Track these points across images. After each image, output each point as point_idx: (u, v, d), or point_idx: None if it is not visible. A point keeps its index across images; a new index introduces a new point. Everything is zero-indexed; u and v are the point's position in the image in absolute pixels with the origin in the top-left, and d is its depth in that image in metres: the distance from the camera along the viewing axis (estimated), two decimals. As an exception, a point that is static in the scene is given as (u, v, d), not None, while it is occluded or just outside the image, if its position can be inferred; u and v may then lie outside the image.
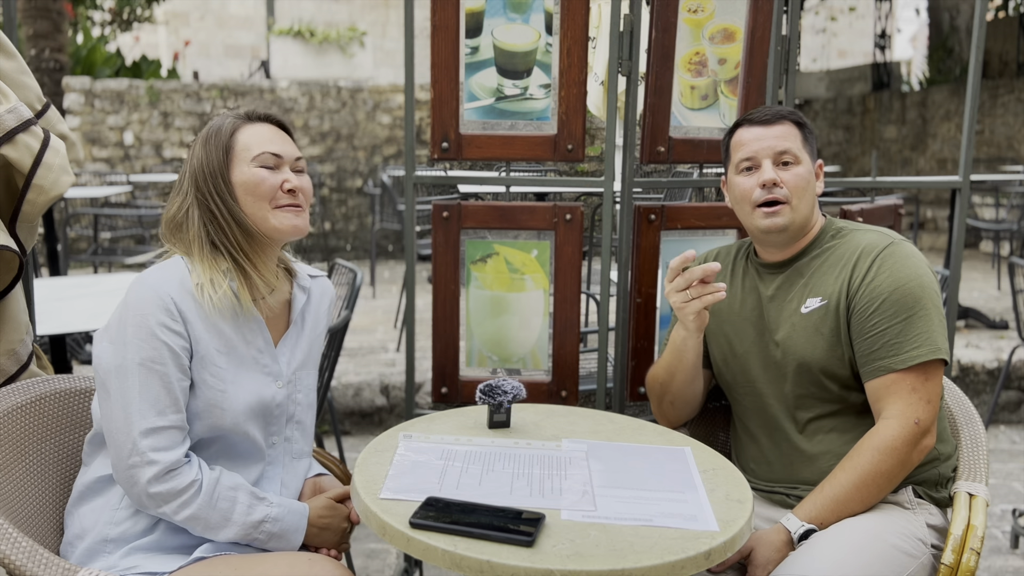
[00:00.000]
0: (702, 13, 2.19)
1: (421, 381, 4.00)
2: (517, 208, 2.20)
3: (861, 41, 16.94)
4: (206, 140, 1.51)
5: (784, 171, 1.70)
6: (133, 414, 1.39)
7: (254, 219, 1.50)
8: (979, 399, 4.41)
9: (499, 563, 1.16)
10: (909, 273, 1.62)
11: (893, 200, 2.71)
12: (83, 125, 7.98)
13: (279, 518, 1.48)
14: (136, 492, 1.40)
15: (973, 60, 2.43)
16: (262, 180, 1.49)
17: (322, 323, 1.68)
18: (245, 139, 1.51)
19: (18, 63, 1.75)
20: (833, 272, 1.69)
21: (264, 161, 1.50)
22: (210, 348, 1.45)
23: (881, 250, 1.65)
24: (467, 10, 2.13)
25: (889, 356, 1.59)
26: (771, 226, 1.70)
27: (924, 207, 9.69)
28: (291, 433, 1.59)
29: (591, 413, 1.78)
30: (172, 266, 1.48)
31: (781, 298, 1.75)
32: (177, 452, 1.41)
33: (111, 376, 1.41)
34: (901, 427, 1.56)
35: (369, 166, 8.41)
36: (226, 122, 1.52)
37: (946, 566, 1.52)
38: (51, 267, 3.25)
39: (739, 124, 1.78)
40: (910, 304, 1.59)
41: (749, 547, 1.56)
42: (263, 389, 1.52)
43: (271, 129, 1.54)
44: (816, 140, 1.78)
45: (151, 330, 1.40)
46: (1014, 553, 2.99)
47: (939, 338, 1.59)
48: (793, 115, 1.74)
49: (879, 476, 1.55)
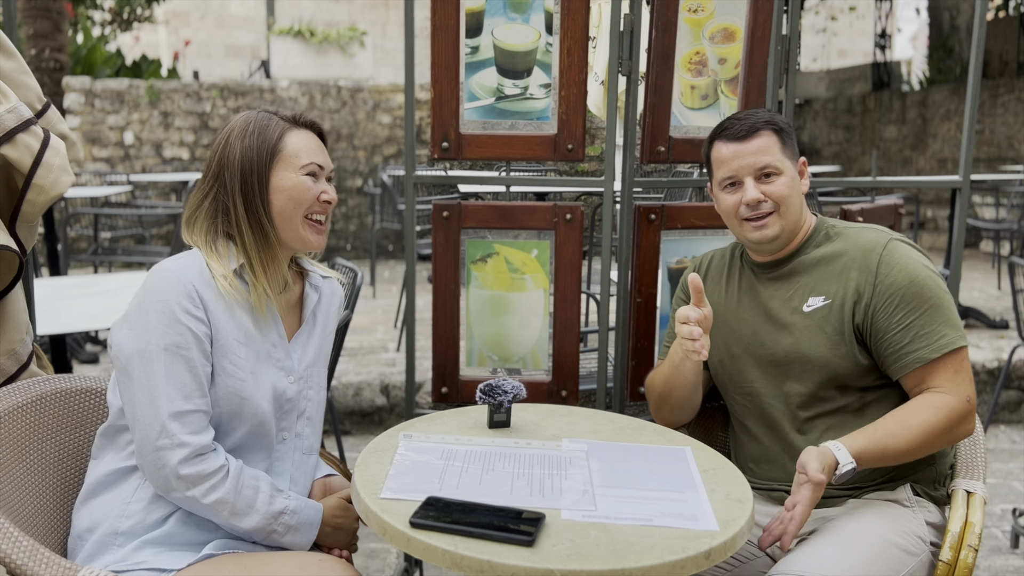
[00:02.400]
0: (702, 13, 2.19)
1: (421, 381, 4.00)
2: (517, 208, 2.20)
3: (861, 41, 16.93)
4: (245, 136, 1.50)
5: (767, 184, 1.70)
6: (160, 397, 1.39)
7: (283, 224, 1.52)
8: (979, 398, 4.41)
9: (499, 563, 1.16)
10: (917, 265, 1.64)
11: (893, 200, 2.72)
12: (83, 125, 7.98)
13: (297, 511, 1.49)
14: (164, 474, 1.40)
15: (973, 60, 2.43)
16: (307, 189, 1.51)
17: (332, 323, 1.70)
18: (295, 145, 1.52)
19: (18, 63, 1.75)
20: (835, 271, 1.70)
21: (311, 170, 1.53)
22: (230, 337, 1.47)
23: (884, 247, 1.66)
24: (467, 10, 2.13)
25: (923, 347, 1.60)
26: (761, 238, 1.71)
27: (924, 207, 9.69)
28: (302, 429, 1.60)
29: (591, 413, 1.78)
30: (191, 256, 1.50)
31: (781, 297, 1.75)
32: (206, 436, 1.42)
33: (134, 361, 1.42)
34: (956, 398, 1.57)
35: (369, 166, 8.41)
36: (272, 122, 1.52)
37: (944, 563, 1.52)
38: (51, 267, 3.26)
39: (716, 137, 1.76)
40: (927, 295, 1.61)
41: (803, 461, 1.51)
42: (277, 382, 1.54)
43: (314, 138, 1.56)
44: (795, 137, 1.77)
45: (174, 315, 1.41)
46: (1014, 553, 2.99)
47: (956, 328, 1.62)
48: (770, 123, 1.72)
49: (931, 430, 1.54)
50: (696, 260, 1.98)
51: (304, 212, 1.52)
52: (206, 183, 1.53)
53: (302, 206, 1.52)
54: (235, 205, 1.50)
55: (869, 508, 1.61)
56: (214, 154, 1.52)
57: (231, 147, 1.50)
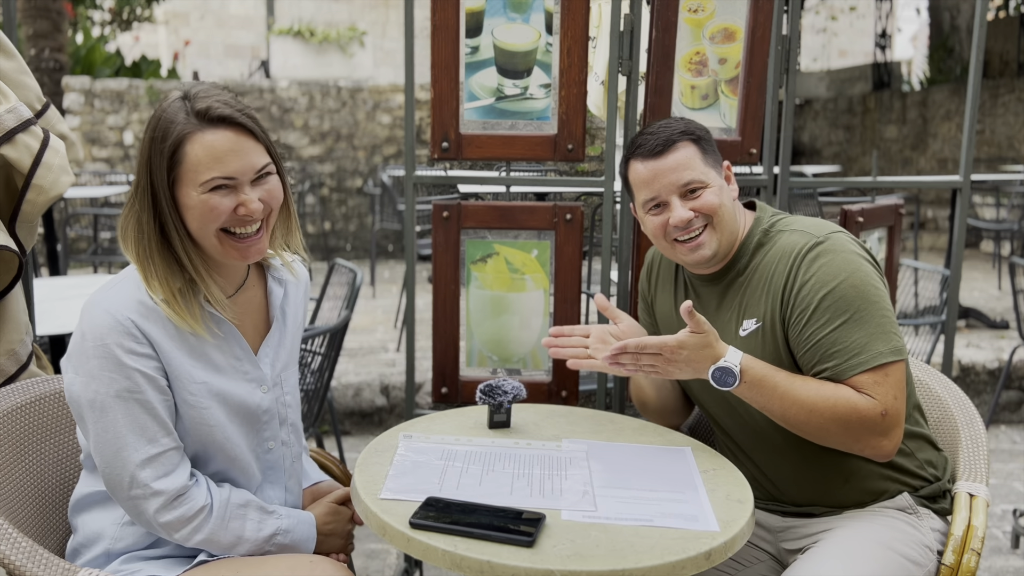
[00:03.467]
0: (702, 13, 2.18)
1: (421, 381, 4.00)
2: (517, 208, 2.20)
3: (861, 41, 16.92)
4: (152, 138, 1.32)
5: (694, 200, 1.58)
6: (124, 448, 1.31)
7: (202, 241, 1.36)
8: (980, 399, 4.41)
9: (499, 563, 1.16)
10: (836, 272, 1.48)
11: (893, 200, 2.71)
12: (83, 125, 7.98)
13: (290, 529, 1.45)
14: (145, 520, 1.35)
15: (974, 60, 2.43)
16: (211, 208, 1.32)
17: (300, 313, 1.59)
18: (195, 155, 1.30)
19: (18, 63, 1.75)
20: (761, 287, 1.59)
21: (215, 185, 1.31)
22: (184, 366, 1.36)
23: (804, 254, 1.53)
24: (467, 10, 2.12)
25: (832, 366, 1.47)
26: (699, 259, 1.61)
27: (924, 207, 9.69)
28: (287, 436, 1.54)
29: (591, 413, 1.78)
30: (126, 283, 1.36)
31: (722, 319, 1.65)
32: (180, 476, 1.35)
33: (85, 411, 1.33)
34: (868, 402, 1.44)
35: (369, 166, 8.40)
36: (171, 128, 1.30)
37: (946, 567, 1.51)
38: (51, 267, 3.25)
39: (631, 156, 1.64)
40: (843, 308, 1.47)
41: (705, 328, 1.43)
42: (247, 397, 1.44)
43: (228, 137, 1.31)
44: (714, 143, 1.65)
45: (117, 359, 1.30)
46: (1015, 553, 2.99)
47: (880, 341, 1.46)
48: (685, 132, 1.60)
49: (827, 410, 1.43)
50: (647, 257, 1.88)
51: (217, 229, 1.34)
52: (132, 189, 1.37)
53: (212, 224, 1.33)
54: (152, 221, 1.34)
55: (872, 517, 1.57)
56: (137, 158, 1.36)
57: (142, 153, 1.34)
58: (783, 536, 1.67)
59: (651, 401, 1.79)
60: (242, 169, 1.33)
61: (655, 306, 1.83)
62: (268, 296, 1.52)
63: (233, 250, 1.36)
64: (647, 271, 1.87)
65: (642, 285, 1.88)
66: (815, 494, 1.62)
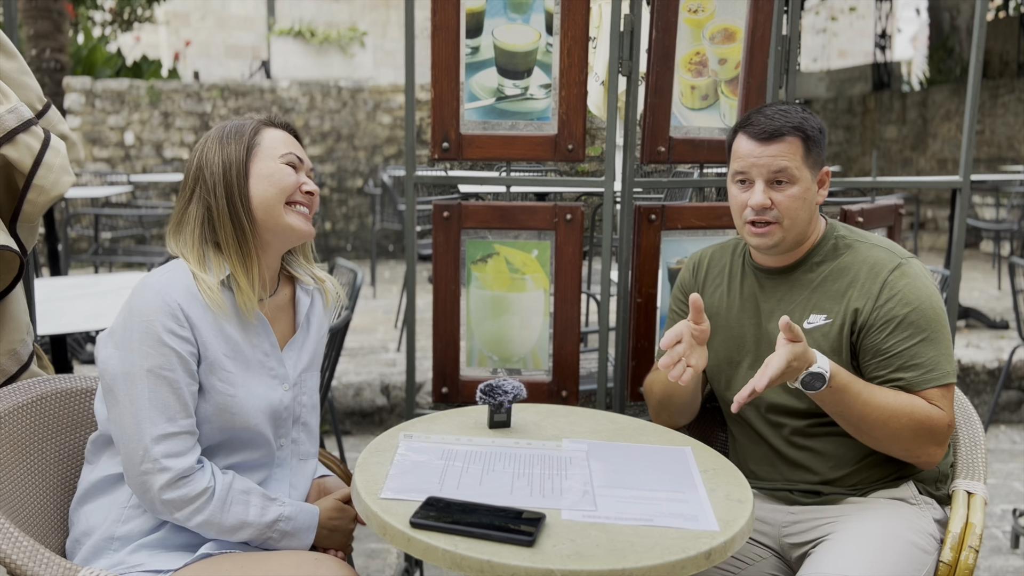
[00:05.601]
0: (702, 13, 2.19)
1: (421, 381, 4.00)
2: (517, 208, 2.20)
3: (861, 41, 16.93)
4: (223, 138, 1.51)
5: (777, 191, 1.63)
6: (144, 421, 1.39)
7: (266, 215, 1.50)
8: (979, 399, 4.41)
9: (499, 563, 1.16)
10: (922, 295, 1.60)
11: (893, 200, 2.71)
12: (84, 125, 7.98)
13: (292, 516, 1.49)
14: (149, 498, 1.41)
15: (973, 60, 2.43)
16: (288, 174, 1.52)
17: (325, 325, 1.69)
18: (271, 138, 1.54)
19: (19, 63, 1.75)
20: (839, 289, 1.66)
21: (290, 160, 1.53)
22: (218, 353, 1.46)
23: (892, 270, 1.63)
24: (467, 10, 2.13)
25: (910, 377, 1.57)
26: (760, 244, 1.67)
27: (924, 207, 9.69)
28: (297, 435, 1.60)
29: (592, 413, 1.78)
30: (177, 270, 1.48)
31: (783, 311, 1.70)
32: (190, 458, 1.41)
33: (118, 382, 1.41)
34: (941, 415, 1.55)
35: (369, 166, 8.41)
36: (247, 123, 1.54)
37: (944, 564, 1.52)
38: (52, 267, 3.25)
39: (741, 127, 1.69)
40: (923, 326, 1.58)
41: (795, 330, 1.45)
42: (271, 392, 1.52)
43: (289, 136, 1.58)
44: (823, 144, 1.69)
45: (158, 336, 1.40)
46: (1014, 553, 2.99)
47: (947, 362, 1.59)
48: (798, 128, 1.63)
49: (906, 418, 1.52)
50: (693, 257, 1.92)
51: (286, 199, 1.51)
52: (187, 188, 1.52)
53: (284, 192, 1.51)
54: (217, 201, 1.48)
55: (880, 507, 1.61)
56: (193, 158, 1.53)
57: (209, 149, 1.51)
58: (787, 530, 1.68)
59: (677, 399, 1.78)
60: (304, 158, 1.57)
61: (705, 297, 1.81)
62: (296, 304, 1.63)
63: (298, 218, 1.53)
64: (694, 268, 1.90)
65: (685, 280, 1.91)
66: (850, 469, 1.65)
